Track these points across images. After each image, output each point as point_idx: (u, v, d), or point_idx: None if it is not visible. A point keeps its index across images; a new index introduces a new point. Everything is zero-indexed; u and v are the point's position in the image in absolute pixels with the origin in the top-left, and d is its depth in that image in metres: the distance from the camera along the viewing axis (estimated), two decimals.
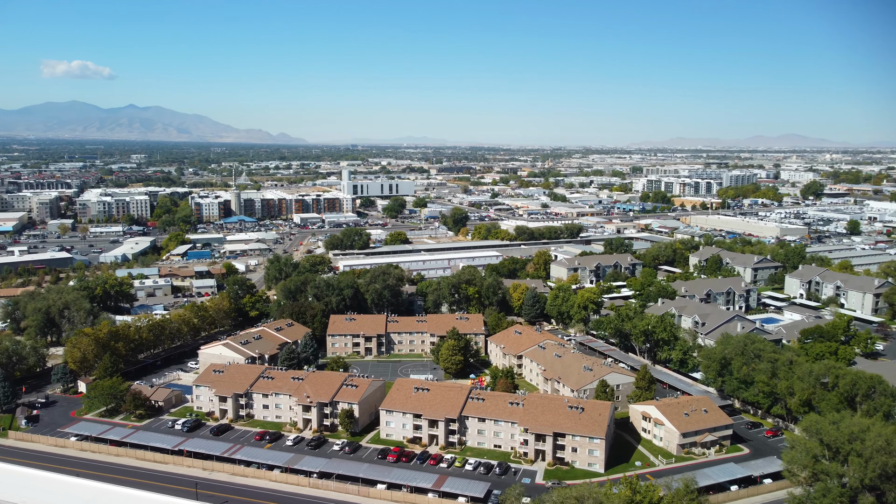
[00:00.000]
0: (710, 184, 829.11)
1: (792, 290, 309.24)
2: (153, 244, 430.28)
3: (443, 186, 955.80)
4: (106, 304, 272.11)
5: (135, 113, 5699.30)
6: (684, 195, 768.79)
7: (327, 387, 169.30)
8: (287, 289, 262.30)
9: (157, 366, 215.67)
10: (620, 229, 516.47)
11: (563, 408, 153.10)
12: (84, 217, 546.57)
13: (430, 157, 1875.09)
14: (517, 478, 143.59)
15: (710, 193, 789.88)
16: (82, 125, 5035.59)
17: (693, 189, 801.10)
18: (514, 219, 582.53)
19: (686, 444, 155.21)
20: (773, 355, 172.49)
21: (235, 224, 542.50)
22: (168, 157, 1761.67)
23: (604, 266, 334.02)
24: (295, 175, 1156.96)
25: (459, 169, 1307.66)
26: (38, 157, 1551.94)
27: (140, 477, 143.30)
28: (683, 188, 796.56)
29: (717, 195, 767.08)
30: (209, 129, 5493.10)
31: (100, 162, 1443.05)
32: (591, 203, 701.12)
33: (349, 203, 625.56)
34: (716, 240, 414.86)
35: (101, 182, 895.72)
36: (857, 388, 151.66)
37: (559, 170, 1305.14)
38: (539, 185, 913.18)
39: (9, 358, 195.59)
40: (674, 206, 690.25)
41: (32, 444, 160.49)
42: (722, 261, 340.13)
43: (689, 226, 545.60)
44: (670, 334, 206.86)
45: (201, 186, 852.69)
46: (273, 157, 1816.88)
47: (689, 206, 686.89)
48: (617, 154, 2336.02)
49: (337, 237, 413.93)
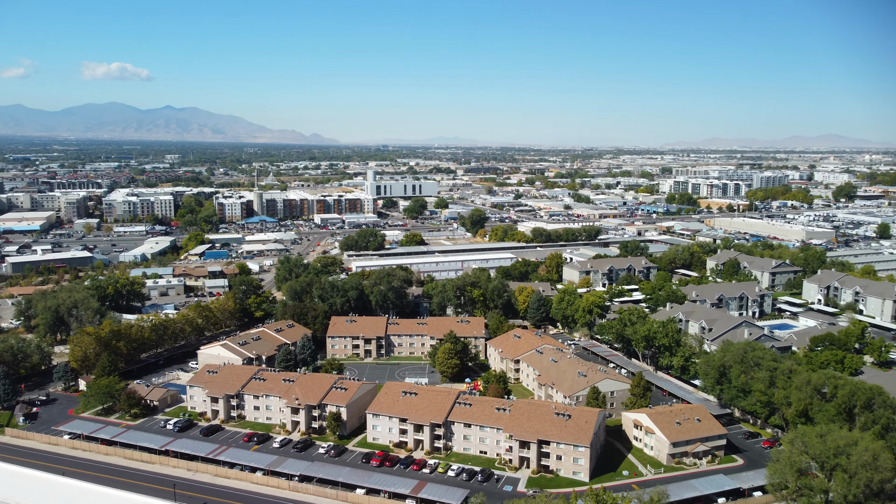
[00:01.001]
0: (739, 185, 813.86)
1: (810, 295, 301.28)
2: (173, 244, 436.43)
3: (467, 187, 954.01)
4: (118, 303, 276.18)
5: (171, 114, 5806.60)
6: (711, 197, 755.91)
7: (317, 389, 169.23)
8: (293, 290, 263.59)
9: (160, 365, 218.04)
10: (641, 231, 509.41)
11: (549, 415, 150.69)
12: (110, 216, 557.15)
13: (459, 158, 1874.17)
14: (500, 485, 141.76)
15: (738, 195, 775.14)
16: (121, 126, 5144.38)
17: (721, 191, 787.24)
18: (535, 220, 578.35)
19: (676, 454, 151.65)
20: (773, 363, 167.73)
21: (256, 224, 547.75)
22: (201, 157, 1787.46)
23: (617, 269, 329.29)
24: (322, 175, 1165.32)
25: (486, 169, 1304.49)
26: (76, 158, 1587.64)
27: (126, 476, 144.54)
28: (711, 190, 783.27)
29: (745, 197, 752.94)
30: (243, 130, 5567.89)
31: (134, 162, 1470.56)
32: (616, 205, 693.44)
33: (370, 204, 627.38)
34: (735, 243, 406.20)
35: (132, 182, 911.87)
36: (855, 400, 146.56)
37: (587, 171, 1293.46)
38: (564, 187, 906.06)
39: (13, 355, 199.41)
40: (699, 207, 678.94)
41: (26, 442, 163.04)
42: (739, 265, 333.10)
43: (713, 228, 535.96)
44: (672, 340, 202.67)
45: (229, 186, 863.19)
46: (303, 158, 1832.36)
47: (715, 208, 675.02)
48: (649, 155, 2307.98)
49: (352, 238, 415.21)
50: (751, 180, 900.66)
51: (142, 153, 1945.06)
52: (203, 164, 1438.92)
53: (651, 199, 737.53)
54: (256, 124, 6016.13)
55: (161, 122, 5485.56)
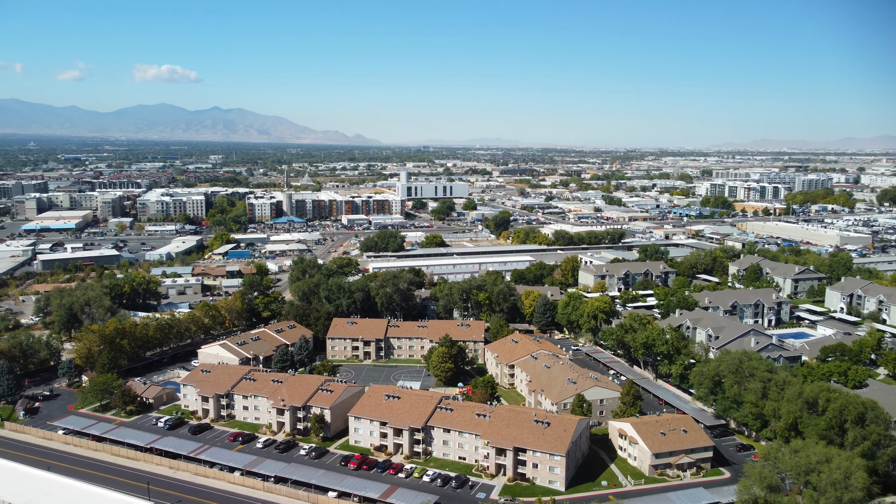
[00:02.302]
0: (778, 188, 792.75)
1: (832, 303, 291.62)
2: (199, 243, 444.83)
3: (501, 189, 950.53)
4: (134, 301, 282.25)
5: (218, 115, 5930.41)
6: (749, 200, 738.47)
7: (303, 391, 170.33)
8: (300, 290, 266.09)
9: (164, 363, 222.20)
10: (669, 235, 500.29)
11: (528, 422, 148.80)
12: (143, 216, 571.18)
13: (498, 159, 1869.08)
14: (473, 492, 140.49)
15: (776, 198, 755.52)
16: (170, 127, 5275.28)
17: (758, 194, 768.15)
18: (563, 222, 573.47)
19: (659, 465, 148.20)
20: (767, 374, 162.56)
21: (284, 224, 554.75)
22: (244, 157, 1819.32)
23: (633, 273, 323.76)
24: (359, 176, 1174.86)
25: (522, 171, 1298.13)
26: (123, 158, 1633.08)
27: (109, 472, 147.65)
28: (748, 193, 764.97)
29: (784, 200, 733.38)
30: (288, 131, 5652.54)
31: (179, 162, 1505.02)
32: (648, 207, 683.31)
33: (398, 205, 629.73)
34: (759, 248, 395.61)
35: (172, 182, 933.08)
36: (845, 414, 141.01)
37: (624, 173, 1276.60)
38: (599, 189, 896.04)
39: (22, 351, 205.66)
40: (734, 211, 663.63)
41: (23, 436, 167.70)
42: (761, 270, 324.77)
43: (744, 232, 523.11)
44: (671, 348, 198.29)
45: (264, 187, 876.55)
46: (343, 158, 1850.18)
47: (750, 211, 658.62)
48: (692, 157, 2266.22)
49: (372, 239, 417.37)
50: (792, 183, 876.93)
51: (187, 153, 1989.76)
52: (245, 164, 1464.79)
53: (685, 202, 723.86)
54: (301, 125, 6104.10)
55: (208, 122, 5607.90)
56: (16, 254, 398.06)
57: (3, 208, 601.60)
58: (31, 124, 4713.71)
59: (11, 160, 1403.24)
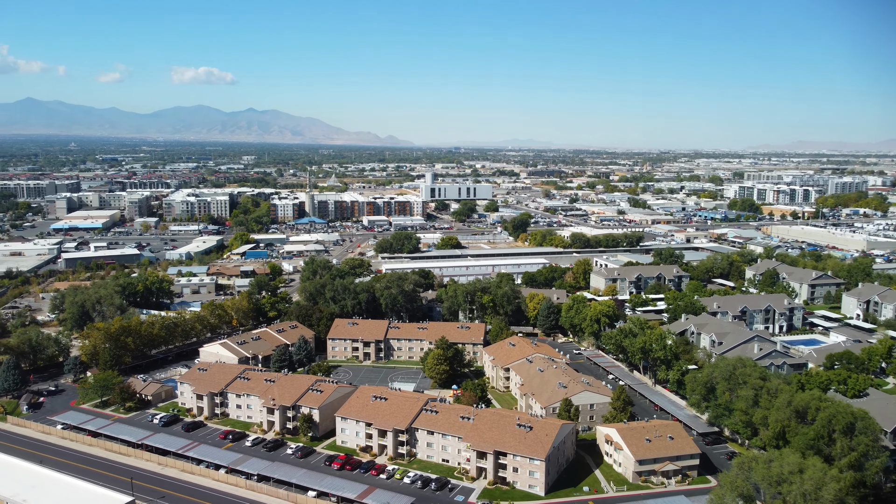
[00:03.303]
0: (809, 191, 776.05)
1: (849, 309, 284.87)
2: (220, 243, 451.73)
3: (526, 190, 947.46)
4: (148, 300, 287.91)
5: (253, 116, 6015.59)
6: (777, 203, 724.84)
7: (294, 390, 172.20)
8: (307, 291, 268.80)
9: (169, 361, 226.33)
10: (690, 238, 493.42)
11: (511, 425, 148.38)
12: (168, 215, 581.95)
13: (528, 161, 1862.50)
14: (452, 495, 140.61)
15: (807, 202, 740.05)
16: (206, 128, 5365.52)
17: (788, 197, 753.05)
18: (584, 225, 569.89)
19: (643, 472, 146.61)
20: (759, 381, 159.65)
21: (306, 225, 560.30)
22: (276, 158, 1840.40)
23: (646, 277, 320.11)
24: (386, 177, 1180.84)
25: (550, 172, 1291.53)
26: (159, 158, 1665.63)
27: (99, 467, 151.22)
28: (777, 196, 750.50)
29: (814, 203, 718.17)
30: (321, 132, 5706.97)
31: (212, 163, 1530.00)
32: (674, 210, 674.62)
33: (419, 206, 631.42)
34: (778, 253, 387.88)
35: (202, 182, 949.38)
36: (833, 424, 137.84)
37: (654, 175, 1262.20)
38: (625, 191, 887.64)
39: (31, 347, 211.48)
40: (761, 214, 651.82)
41: (24, 430, 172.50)
42: (778, 275, 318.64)
43: (769, 236, 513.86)
44: (669, 353, 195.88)
45: (291, 188, 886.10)
46: (374, 160, 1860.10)
47: (778, 214, 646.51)
48: (727, 158, 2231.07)
49: (387, 241, 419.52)
50: (824, 186, 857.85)
51: (222, 154, 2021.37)
52: (276, 165, 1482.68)
53: (712, 205, 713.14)
54: (334, 126, 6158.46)
55: (244, 124, 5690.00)
56: (42, 252, 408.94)
57: (35, 207, 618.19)
58: (72, 125, 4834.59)
59: (52, 160, 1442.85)
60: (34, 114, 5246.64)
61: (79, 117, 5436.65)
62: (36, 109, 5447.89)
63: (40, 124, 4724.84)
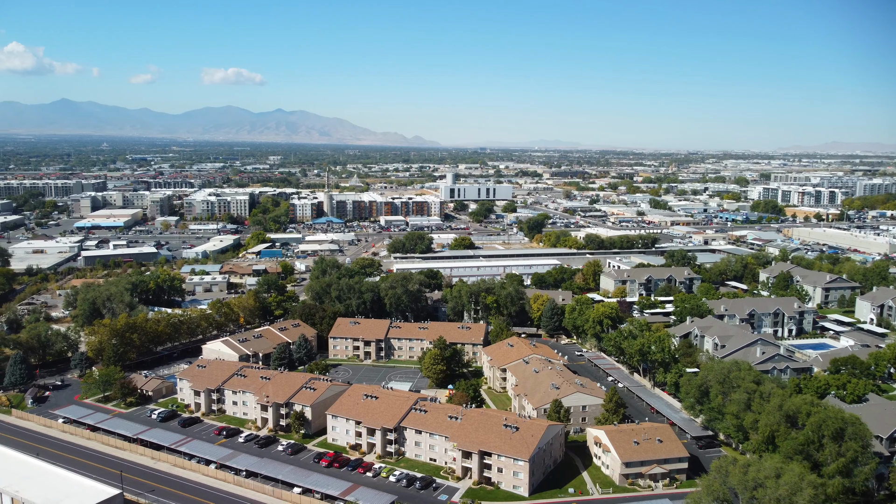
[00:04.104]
0: (835, 193, 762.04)
1: (862, 313, 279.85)
2: (236, 242, 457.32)
3: (548, 191, 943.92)
4: (159, 297, 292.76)
5: (282, 117, 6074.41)
6: (802, 205, 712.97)
7: (288, 388, 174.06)
8: (313, 290, 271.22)
9: (174, 358, 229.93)
10: (708, 240, 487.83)
11: (497, 426, 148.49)
12: (189, 215, 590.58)
13: (552, 161, 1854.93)
14: (436, 494, 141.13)
15: (833, 203, 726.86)
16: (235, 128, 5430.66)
17: (813, 199, 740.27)
18: (603, 226, 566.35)
19: (630, 475, 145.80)
20: (752, 385, 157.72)
21: (323, 225, 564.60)
22: (302, 158, 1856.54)
23: (656, 279, 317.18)
24: (409, 178, 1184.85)
25: (573, 173, 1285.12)
26: (187, 158, 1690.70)
27: (96, 461, 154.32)
28: (802, 197, 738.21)
29: (840, 205, 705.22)
30: (348, 132, 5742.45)
31: (239, 163, 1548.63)
32: (695, 211, 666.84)
33: (437, 206, 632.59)
34: (794, 255, 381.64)
35: (226, 182, 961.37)
36: (823, 429, 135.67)
37: (679, 175, 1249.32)
38: (648, 192, 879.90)
39: (39, 342, 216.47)
40: (784, 216, 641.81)
41: (26, 423, 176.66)
42: (792, 278, 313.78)
43: (789, 239, 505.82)
44: (667, 355, 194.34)
45: (314, 188, 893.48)
46: (398, 160, 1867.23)
47: (801, 216, 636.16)
48: (756, 159, 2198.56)
49: (399, 241, 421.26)
50: (853, 188, 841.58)
51: (249, 154, 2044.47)
52: (301, 165, 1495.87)
53: (734, 207, 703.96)
54: (361, 127, 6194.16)
55: (272, 124, 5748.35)
56: (63, 250, 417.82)
57: (61, 206, 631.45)
58: (105, 126, 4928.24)
59: (83, 160, 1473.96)
60: (68, 114, 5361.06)
61: (111, 118, 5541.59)
62: (70, 110, 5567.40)
63: (74, 125, 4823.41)
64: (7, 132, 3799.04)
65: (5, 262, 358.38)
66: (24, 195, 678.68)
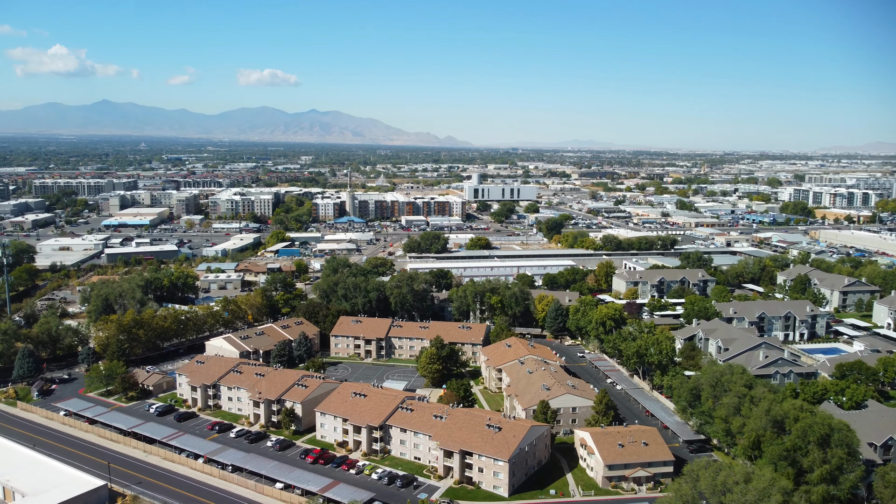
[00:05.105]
0: (868, 195, 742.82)
1: (880, 318, 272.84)
2: (257, 240, 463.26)
3: (574, 192, 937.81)
4: (173, 294, 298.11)
5: (315, 117, 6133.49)
6: (834, 207, 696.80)
7: (281, 385, 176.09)
8: (321, 288, 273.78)
9: (180, 353, 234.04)
10: (731, 242, 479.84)
11: (480, 426, 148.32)
12: (214, 213, 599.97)
13: (582, 162, 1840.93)
14: (416, 492, 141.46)
15: (866, 205, 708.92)
16: (270, 129, 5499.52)
17: (846, 200, 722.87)
18: (625, 227, 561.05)
19: (613, 477, 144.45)
20: (743, 389, 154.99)
21: (344, 224, 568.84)
22: (333, 158, 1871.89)
23: (668, 281, 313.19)
24: (436, 178, 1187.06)
25: (602, 174, 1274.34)
26: (221, 158, 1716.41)
27: (89, 452, 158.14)
28: (834, 199, 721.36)
29: (874, 207, 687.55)
30: (381, 133, 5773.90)
31: (270, 163, 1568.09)
32: (721, 213, 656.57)
33: (458, 207, 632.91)
34: (814, 258, 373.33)
35: (255, 182, 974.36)
36: (809, 435, 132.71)
37: (710, 176, 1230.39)
38: (676, 193, 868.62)
39: (50, 337, 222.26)
40: (813, 218, 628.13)
41: (30, 415, 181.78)
42: (809, 281, 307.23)
43: (816, 241, 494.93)
44: (664, 357, 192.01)
45: (341, 187, 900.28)
46: (429, 160, 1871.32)
47: (831, 218, 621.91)
48: (794, 160, 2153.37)
49: (415, 240, 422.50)
50: (889, 189, 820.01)
51: (282, 154, 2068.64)
52: (331, 165, 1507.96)
53: (763, 208, 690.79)
54: (394, 127, 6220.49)
55: (306, 125, 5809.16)
56: (88, 247, 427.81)
57: (91, 204, 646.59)
58: (144, 126, 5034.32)
59: (120, 160, 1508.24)
60: (109, 115, 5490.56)
61: (150, 118, 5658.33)
62: (111, 111, 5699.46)
63: (114, 125, 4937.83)
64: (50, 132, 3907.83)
65: (30, 258, 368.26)
66: (58, 194, 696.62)
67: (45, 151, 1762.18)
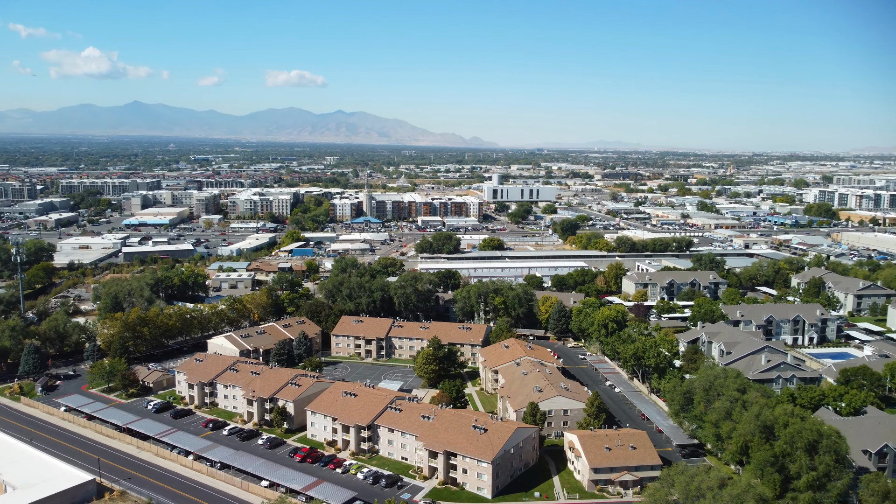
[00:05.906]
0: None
1: (894, 322, 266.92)
2: (272, 240, 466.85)
3: (595, 192, 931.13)
4: (183, 293, 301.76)
5: (342, 118, 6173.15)
6: (860, 209, 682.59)
7: (275, 383, 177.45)
8: (326, 288, 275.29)
9: (184, 351, 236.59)
10: (749, 244, 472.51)
11: (467, 427, 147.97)
12: (233, 213, 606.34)
13: (607, 163, 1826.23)
14: (400, 492, 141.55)
15: (893, 207, 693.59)
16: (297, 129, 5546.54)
17: (872, 202, 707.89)
18: (643, 228, 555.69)
19: (599, 481, 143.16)
20: (735, 394, 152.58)
21: (361, 224, 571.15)
22: (358, 159, 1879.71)
23: (679, 283, 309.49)
24: (459, 178, 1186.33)
25: (625, 175, 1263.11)
26: (247, 159, 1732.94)
27: (84, 447, 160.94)
28: (860, 201, 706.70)
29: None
30: (406, 133, 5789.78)
31: (295, 163, 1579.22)
32: (743, 214, 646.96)
33: (475, 207, 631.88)
34: (830, 261, 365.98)
35: (278, 182, 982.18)
36: (796, 441, 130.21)
37: (736, 177, 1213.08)
38: (699, 194, 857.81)
39: (57, 334, 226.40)
40: (838, 220, 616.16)
41: (32, 410, 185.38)
42: (824, 284, 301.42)
43: (837, 243, 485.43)
44: (662, 360, 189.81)
45: (361, 188, 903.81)
46: (453, 160, 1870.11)
47: (855, 220, 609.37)
48: (824, 161, 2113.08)
49: (427, 241, 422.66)
50: None
51: (308, 155, 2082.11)
52: (355, 165, 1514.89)
53: (787, 210, 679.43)
54: (419, 128, 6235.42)
55: (332, 125, 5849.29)
56: (107, 246, 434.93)
57: (114, 204, 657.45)
58: (174, 127, 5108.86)
59: (149, 160, 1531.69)
60: (140, 116, 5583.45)
61: (180, 119, 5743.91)
62: (141, 112, 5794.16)
63: (145, 126, 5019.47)
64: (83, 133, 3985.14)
65: (49, 257, 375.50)
66: (83, 193, 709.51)
67: (76, 152, 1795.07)
